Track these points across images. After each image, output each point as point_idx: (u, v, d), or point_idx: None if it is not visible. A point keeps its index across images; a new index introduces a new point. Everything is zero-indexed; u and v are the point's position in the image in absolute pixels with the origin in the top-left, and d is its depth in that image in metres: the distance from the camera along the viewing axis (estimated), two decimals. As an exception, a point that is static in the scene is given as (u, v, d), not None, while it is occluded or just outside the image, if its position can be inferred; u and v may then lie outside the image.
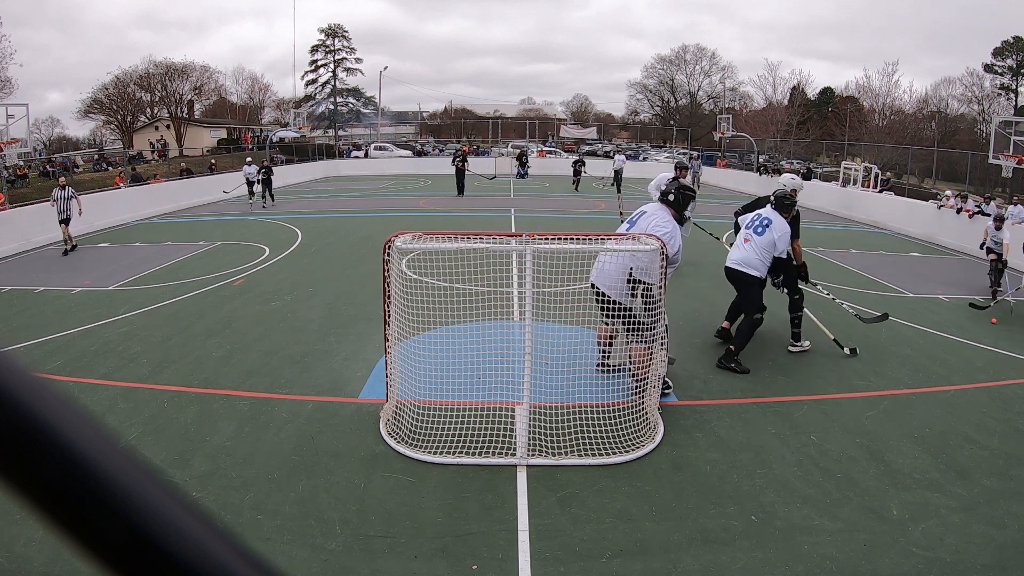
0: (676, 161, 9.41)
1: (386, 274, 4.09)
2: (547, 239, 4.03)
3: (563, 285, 4.51)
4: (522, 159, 26.59)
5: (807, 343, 5.80)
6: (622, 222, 5.37)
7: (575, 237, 4.10)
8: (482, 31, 56.64)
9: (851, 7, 47.81)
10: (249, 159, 18.50)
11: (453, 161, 19.66)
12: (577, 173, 22.63)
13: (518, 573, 2.87)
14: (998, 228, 8.22)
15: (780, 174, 24.09)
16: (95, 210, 12.94)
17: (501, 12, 57.11)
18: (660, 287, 4.32)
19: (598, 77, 63.90)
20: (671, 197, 4.94)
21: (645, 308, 4.42)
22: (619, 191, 12.99)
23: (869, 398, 4.84)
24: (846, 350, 5.71)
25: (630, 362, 4.53)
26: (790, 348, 5.81)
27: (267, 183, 16.75)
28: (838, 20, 48.22)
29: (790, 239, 5.53)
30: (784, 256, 5.51)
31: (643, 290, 4.50)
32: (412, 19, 57.75)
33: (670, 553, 3.02)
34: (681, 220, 4.95)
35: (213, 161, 25.71)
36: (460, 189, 18.80)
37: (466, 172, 19.11)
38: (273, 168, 17.43)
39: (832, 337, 5.79)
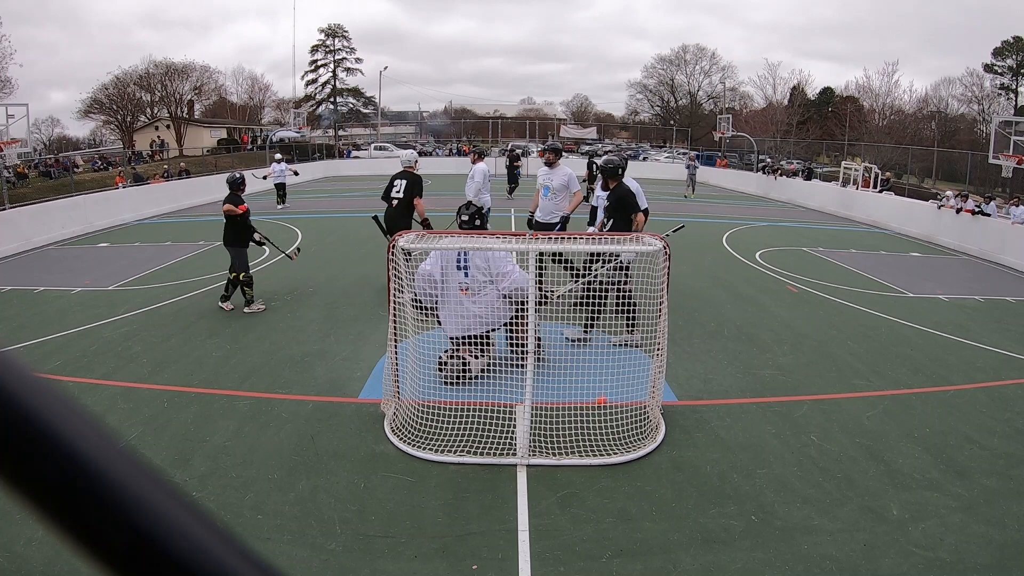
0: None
1: (391, 273, 4.09)
2: (549, 239, 4.03)
3: (565, 285, 4.50)
4: (511, 163, 18.90)
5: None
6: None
7: (577, 237, 4.11)
8: (486, 31, 56.79)
9: (852, 8, 47.93)
10: (279, 155, 17.08)
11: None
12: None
13: (518, 573, 2.87)
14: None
15: (779, 173, 23.87)
16: (95, 210, 12.97)
17: (505, 12, 57.25)
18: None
19: (602, 77, 64.20)
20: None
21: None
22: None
23: (869, 398, 4.83)
24: None
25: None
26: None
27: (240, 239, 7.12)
28: (839, 21, 48.39)
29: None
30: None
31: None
32: (416, 19, 57.93)
33: (670, 553, 3.01)
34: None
35: (182, 164, 24.10)
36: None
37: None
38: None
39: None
